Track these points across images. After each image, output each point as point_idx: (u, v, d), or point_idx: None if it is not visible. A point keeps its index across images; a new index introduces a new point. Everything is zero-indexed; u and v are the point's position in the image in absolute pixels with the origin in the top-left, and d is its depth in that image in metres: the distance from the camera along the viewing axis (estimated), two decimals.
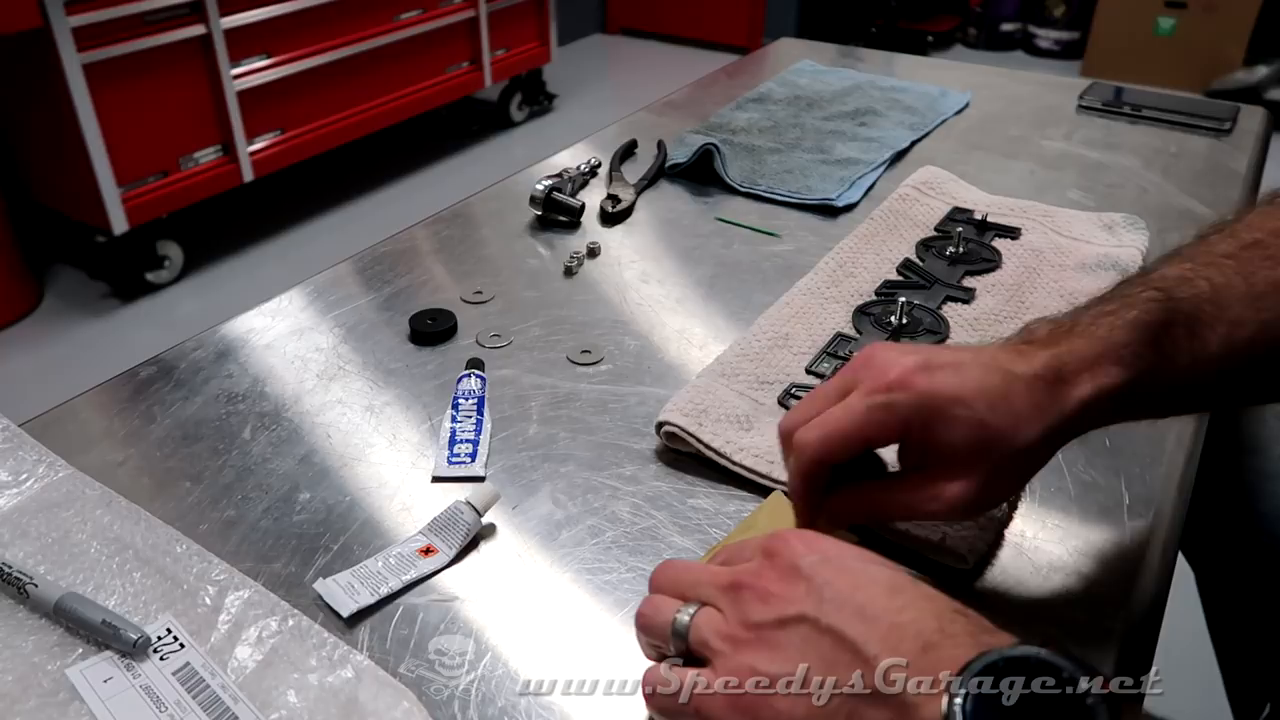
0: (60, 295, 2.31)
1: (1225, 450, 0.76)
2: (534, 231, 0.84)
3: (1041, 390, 0.42)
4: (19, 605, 0.46)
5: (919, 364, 0.43)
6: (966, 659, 0.32)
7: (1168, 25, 3.63)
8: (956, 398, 0.42)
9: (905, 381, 0.42)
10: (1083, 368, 0.43)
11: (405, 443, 0.59)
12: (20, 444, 0.56)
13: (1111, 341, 0.43)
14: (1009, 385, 0.42)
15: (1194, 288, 0.45)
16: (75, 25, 1.95)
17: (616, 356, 0.67)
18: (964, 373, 0.42)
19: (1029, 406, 0.42)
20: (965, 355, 0.44)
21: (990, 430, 0.42)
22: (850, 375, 0.45)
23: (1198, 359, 0.44)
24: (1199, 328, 0.44)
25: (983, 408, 0.42)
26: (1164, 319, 0.44)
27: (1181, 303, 0.44)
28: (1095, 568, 0.50)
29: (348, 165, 2.88)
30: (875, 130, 1.04)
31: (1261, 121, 1.09)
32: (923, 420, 0.42)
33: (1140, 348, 0.43)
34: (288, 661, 0.43)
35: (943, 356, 0.43)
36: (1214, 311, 0.44)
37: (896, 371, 0.43)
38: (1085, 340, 0.43)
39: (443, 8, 2.82)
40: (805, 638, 0.36)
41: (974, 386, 0.42)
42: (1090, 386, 0.43)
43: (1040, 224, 0.82)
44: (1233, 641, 0.78)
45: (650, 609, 0.41)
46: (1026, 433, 0.42)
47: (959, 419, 0.42)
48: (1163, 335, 0.43)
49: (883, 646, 0.34)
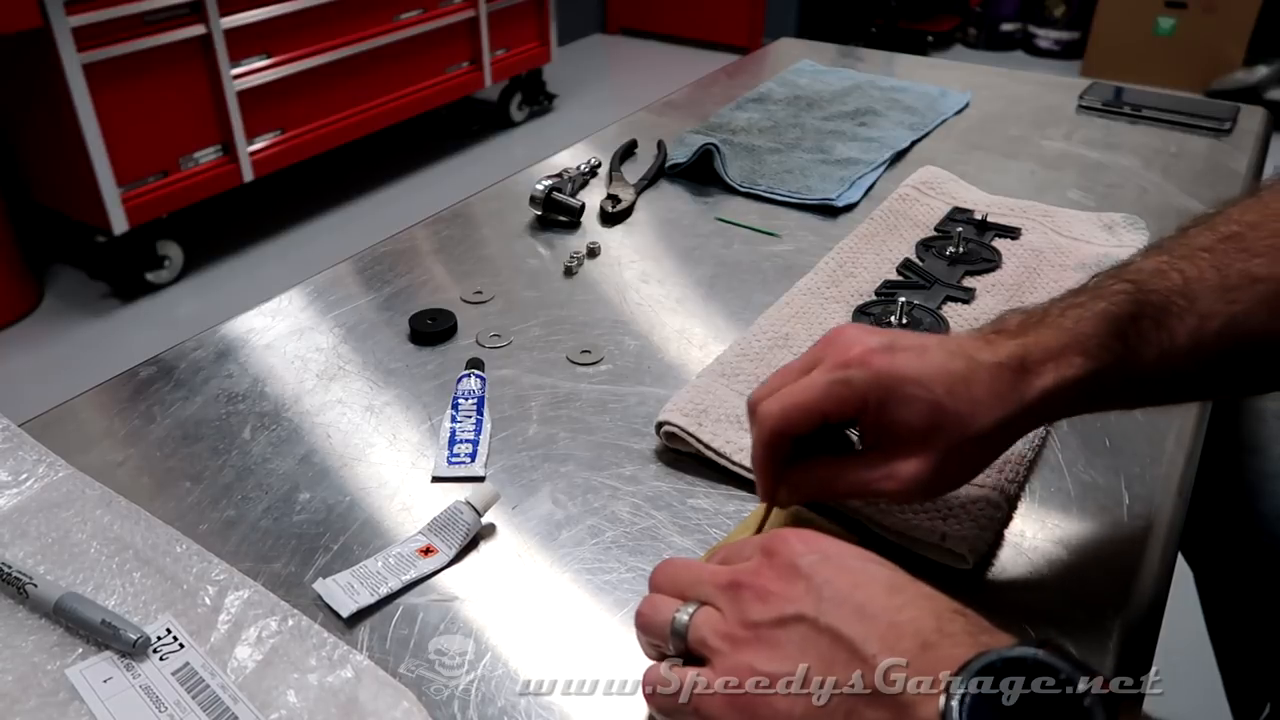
0: (60, 295, 2.31)
1: (1225, 450, 0.76)
2: (534, 231, 0.84)
3: (1004, 379, 0.43)
4: (19, 605, 0.46)
5: (882, 344, 0.44)
6: (965, 659, 0.32)
7: (1168, 25, 3.63)
8: (915, 379, 0.43)
9: (865, 359, 0.43)
10: (1047, 358, 0.43)
11: (405, 443, 0.59)
12: (20, 444, 0.56)
13: (1078, 332, 0.44)
14: (971, 371, 0.43)
15: (1166, 280, 0.45)
16: (75, 25, 1.95)
17: (616, 356, 0.67)
18: (926, 356, 0.43)
19: (989, 394, 0.43)
20: (931, 340, 0.45)
21: (946, 413, 0.42)
22: (816, 352, 0.46)
23: (1165, 351, 0.44)
24: (1167, 319, 0.44)
25: (941, 390, 0.42)
26: (1132, 311, 0.44)
27: (1151, 295, 0.45)
28: (1095, 568, 0.50)
29: (348, 165, 2.88)
30: (875, 130, 1.04)
31: (1261, 121, 1.09)
32: (879, 398, 0.43)
33: (1106, 339, 0.44)
34: (287, 661, 0.43)
35: (908, 340, 0.44)
36: (1184, 304, 0.44)
37: (858, 349, 0.44)
38: (1052, 331, 0.44)
39: (443, 8, 2.82)
40: (804, 636, 0.36)
41: (934, 369, 0.43)
42: (1053, 377, 0.43)
43: (1040, 224, 0.82)
44: (1233, 641, 0.78)
45: (649, 608, 0.41)
46: (983, 419, 0.43)
47: (915, 399, 0.43)
48: (1129, 327, 0.44)
49: (881, 645, 0.34)
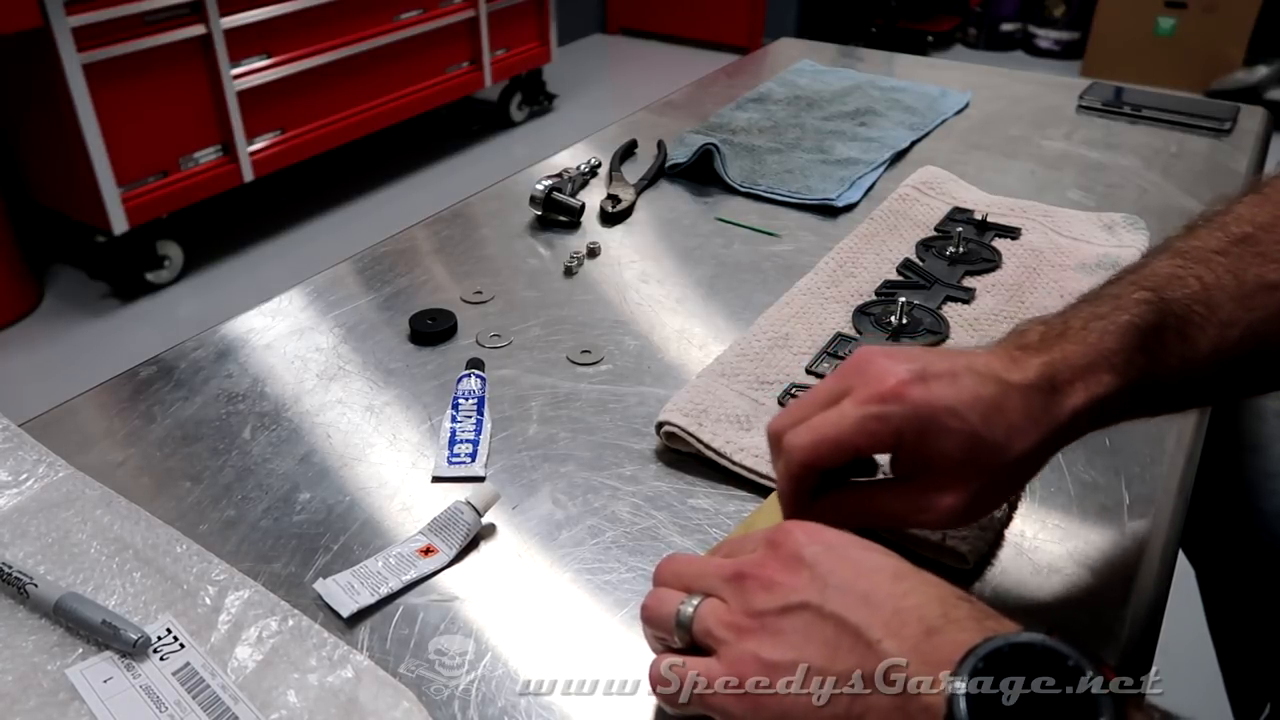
0: (60, 295, 2.31)
1: (1226, 449, 0.76)
2: (534, 231, 0.84)
3: (1036, 401, 0.42)
4: (19, 605, 0.46)
5: (914, 374, 0.42)
6: (971, 643, 0.32)
7: (1168, 25, 3.63)
8: (951, 409, 0.41)
9: (900, 393, 0.41)
10: (1075, 376, 0.43)
11: (405, 443, 0.59)
12: (20, 444, 0.56)
13: (1103, 349, 0.43)
14: (1003, 396, 0.42)
15: (1185, 287, 0.45)
16: (75, 25, 1.95)
17: (616, 356, 0.67)
18: (959, 383, 0.42)
19: (1023, 418, 0.42)
20: (960, 363, 0.43)
21: (984, 442, 0.41)
22: (844, 380, 0.44)
23: (1188, 360, 0.44)
24: (1190, 330, 0.44)
25: (976, 419, 0.41)
26: (1156, 322, 0.44)
27: (1173, 304, 0.44)
28: (1095, 568, 0.50)
29: (348, 165, 2.88)
30: (875, 130, 1.04)
31: (1261, 121, 1.09)
32: (916, 431, 0.41)
33: (1132, 354, 0.43)
34: (288, 661, 0.43)
35: (938, 366, 0.43)
36: (1205, 312, 0.44)
37: (892, 382, 0.42)
38: (1077, 347, 0.43)
39: (443, 8, 2.82)
40: (808, 624, 0.36)
41: (969, 397, 0.41)
42: (1084, 396, 0.42)
43: (1040, 224, 0.82)
44: (1233, 641, 0.78)
45: (654, 601, 0.41)
46: (1020, 444, 0.42)
47: (953, 431, 0.41)
48: (1154, 340, 0.43)
49: (885, 631, 0.34)
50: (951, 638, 0.33)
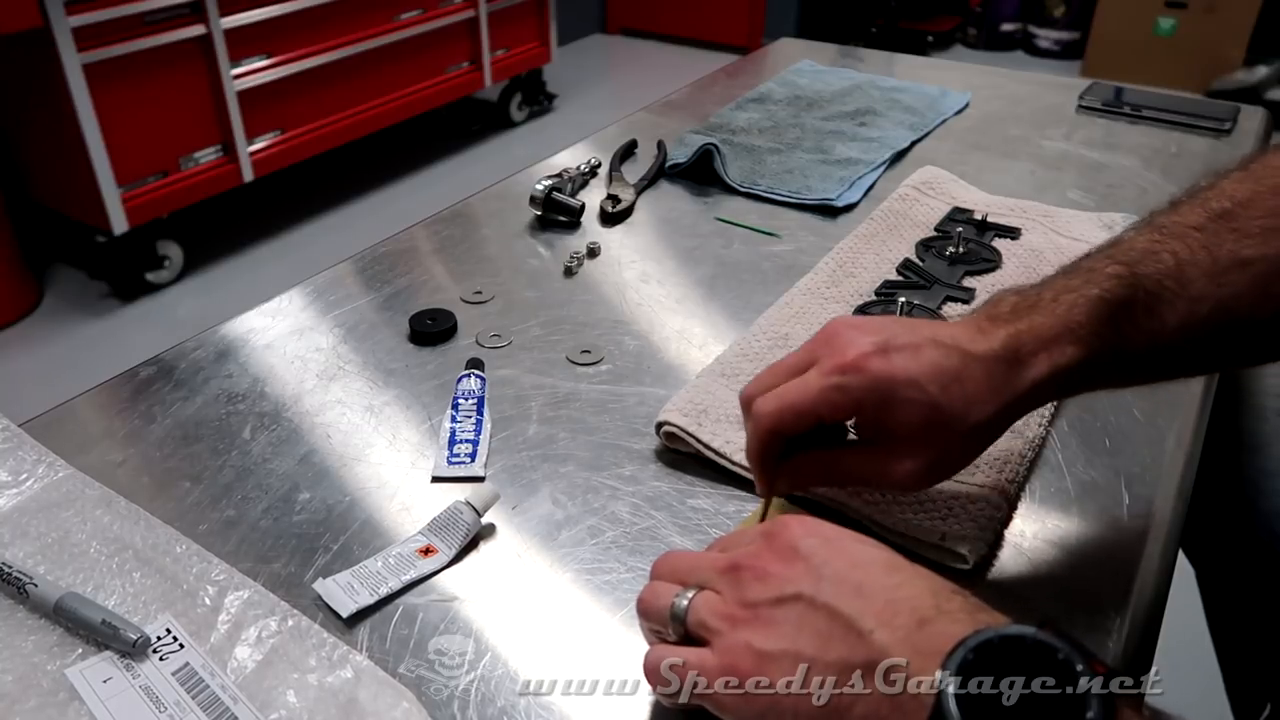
0: (60, 295, 2.31)
1: (1225, 449, 0.76)
2: (534, 231, 0.84)
3: (997, 372, 0.43)
4: (19, 605, 0.46)
5: (876, 346, 0.44)
6: (962, 635, 0.32)
7: (1168, 25, 3.63)
8: (910, 380, 0.43)
9: (860, 365, 0.43)
10: (1040, 347, 0.44)
11: (405, 443, 0.59)
12: (20, 444, 0.56)
13: (1070, 321, 0.44)
14: (964, 367, 0.43)
15: (1158, 262, 0.45)
16: (75, 25, 1.95)
17: (616, 356, 0.67)
18: (921, 355, 0.43)
19: (983, 389, 0.43)
20: (924, 334, 0.45)
21: (943, 411, 0.43)
22: (812, 350, 0.46)
23: (1155, 335, 0.45)
24: (1159, 305, 0.45)
25: (936, 390, 0.43)
26: (1125, 297, 0.44)
27: (1144, 279, 0.45)
28: (1095, 568, 0.50)
29: (348, 165, 2.88)
30: (875, 130, 1.04)
31: (1261, 121, 1.09)
32: (875, 402, 0.44)
33: (1098, 326, 0.44)
34: (287, 662, 0.43)
35: (902, 338, 0.44)
36: (1175, 288, 0.45)
37: (853, 354, 0.44)
38: (1045, 318, 0.44)
39: (443, 8, 2.82)
40: (801, 615, 0.36)
41: (929, 369, 0.43)
42: (1046, 366, 0.44)
43: (1040, 224, 0.82)
44: (1233, 641, 0.78)
45: (650, 594, 0.41)
46: (977, 414, 0.43)
47: (911, 401, 0.43)
48: (1122, 314, 0.44)
49: (877, 621, 0.34)
50: (943, 629, 0.33)
